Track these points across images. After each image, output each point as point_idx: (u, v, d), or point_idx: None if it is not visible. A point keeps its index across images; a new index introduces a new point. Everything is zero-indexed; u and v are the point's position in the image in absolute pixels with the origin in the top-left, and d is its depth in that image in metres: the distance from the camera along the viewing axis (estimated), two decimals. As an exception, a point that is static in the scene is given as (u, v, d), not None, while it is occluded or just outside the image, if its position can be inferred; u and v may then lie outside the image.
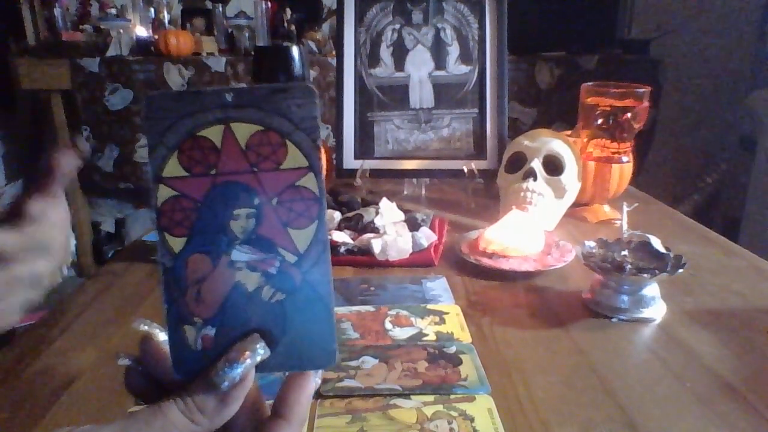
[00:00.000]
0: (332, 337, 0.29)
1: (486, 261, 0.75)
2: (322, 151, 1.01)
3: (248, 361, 0.27)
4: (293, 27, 2.41)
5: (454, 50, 1.07)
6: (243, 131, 0.28)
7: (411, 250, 0.78)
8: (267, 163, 0.28)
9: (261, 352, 0.28)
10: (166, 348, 0.29)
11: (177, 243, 0.28)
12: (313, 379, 0.30)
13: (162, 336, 0.29)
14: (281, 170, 0.28)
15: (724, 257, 0.81)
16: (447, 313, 0.63)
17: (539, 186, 0.88)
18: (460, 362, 0.53)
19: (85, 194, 2.40)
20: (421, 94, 1.07)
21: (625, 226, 0.69)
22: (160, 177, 0.28)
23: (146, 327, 0.30)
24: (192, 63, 2.25)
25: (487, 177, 1.03)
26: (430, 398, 0.48)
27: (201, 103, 0.28)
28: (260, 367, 0.28)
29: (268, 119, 0.28)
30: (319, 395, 0.49)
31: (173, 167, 0.28)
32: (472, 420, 0.45)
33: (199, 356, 0.28)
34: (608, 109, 0.90)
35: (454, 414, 0.46)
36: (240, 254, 0.28)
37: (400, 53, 1.08)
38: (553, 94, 2.31)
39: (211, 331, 0.28)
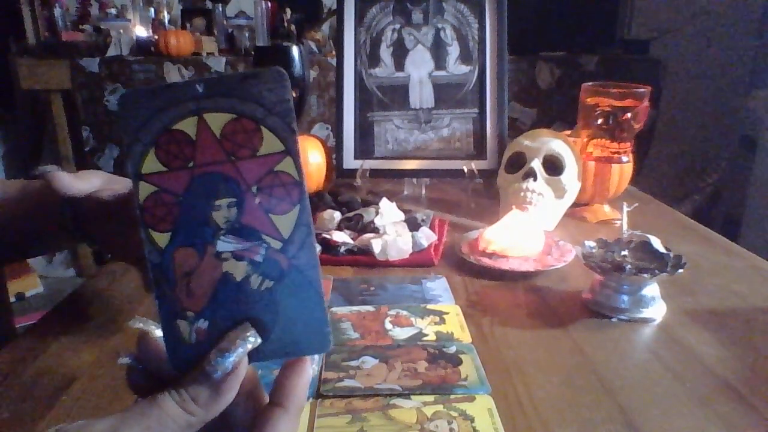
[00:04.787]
0: (324, 321, 0.29)
1: (486, 261, 0.75)
2: (321, 147, 1.01)
3: (239, 349, 0.27)
4: (293, 27, 2.41)
5: (454, 50, 1.07)
6: (217, 121, 0.28)
7: (411, 250, 0.78)
8: (243, 151, 0.28)
9: (252, 340, 0.28)
10: (163, 344, 0.29)
11: (162, 238, 0.28)
12: (310, 366, 0.30)
13: (159, 332, 0.29)
14: (258, 157, 0.28)
15: (724, 257, 0.81)
16: (447, 313, 0.63)
17: (539, 186, 0.88)
18: (460, 362, 0.53)
19: (85, 194, 2.40)
20: (421, 94, 1.07)
21: (625, 226, 0.69)
22: (139, 174, 0.28)
23: (142, 325, 0.29)
24: (192, 63, 2.25)
25: (487, 177, 1.03)
26: (430, 398, 0.48)
27: (173, 97, 0.28)
28: (255, 356, 0.28)
29: (240, 106, 0.28)
30: (319, 395, 0.49)
31: (151, 163, 0.28)
32: (472, 420, 0.45)
33: (194, 349, 0.28)
34: (608, 109, 0.90)
35: (454, 414, 0.46)
36: (225, 244, 0.28)
37: (400, 53, 1.08)
38: (553, 94, 2.31)
39: (204, 324, 0.28)
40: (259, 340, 0.28)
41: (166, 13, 2.49)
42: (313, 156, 0.99)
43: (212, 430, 0.28)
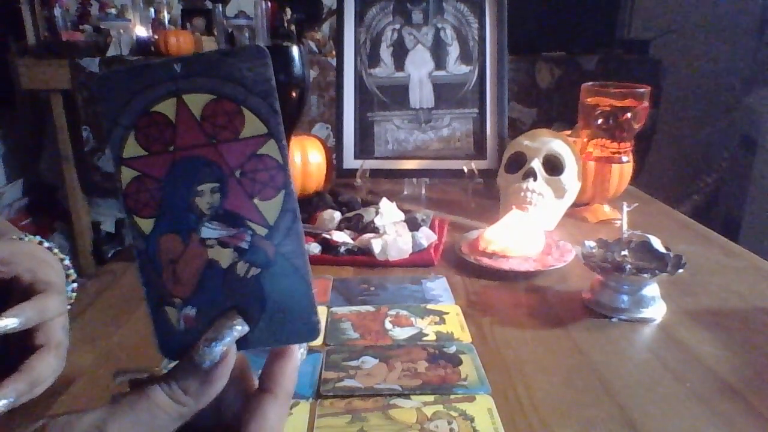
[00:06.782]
0: (312, 309, 0.28)
1: (486, 261, 0.75)
2: (321, 147, 1.01)
3: (227, 338, 0.27)
4: (293, 27, 2.41)
5: (454, 50, 1.07)
6: (196, 102, 0.27)
7: (411, 250, 0.78)
8: (225, 134, 0.27)
9: (239, 328, 0.28)
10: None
11: (146, 224, 0.28)
12: (298, 351, 0.29)
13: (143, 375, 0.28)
14: (240, 140, 0.27)
15: (724, 257, 0.81)
16: (447, 313, 0.63)
17: (539, 186, 0.88)
18: (460, 362, 0.53)
19: (85, 194, 2.40)
20: (421, 94, 1.07)
21: (625, 226, 0.69)
22: (120, 158, 0.27)
23: (123, 378, 0.29)
24: (192, 63, 2.24)
25: (487, 177, 1.03)
26: (430, 398, 0.48)
27: (151, 77, 0.27)
28: (243, 344, 0.28)
29: (220, 87, 0.27)
30: (319, 395, 0.49)
31: (132, 147, 0.27)
32: (472, 420, 0.45)
33: (183, 336, 0.28)
34: (608, 109, 0.90)
35: (454, 414, 0.46)
36: (209, 231, 0.28)
37: (400, 53, 1.08)
38: (553, 94, 2.31)
39: (191, 311, 0.28)
40: (247, 328, 0.28)
41: (166, 13, 2.49)
42: (313, 156, 0.99)
43: (201, 416, 0.28)
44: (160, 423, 0.26)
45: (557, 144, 0.90)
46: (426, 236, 0.80)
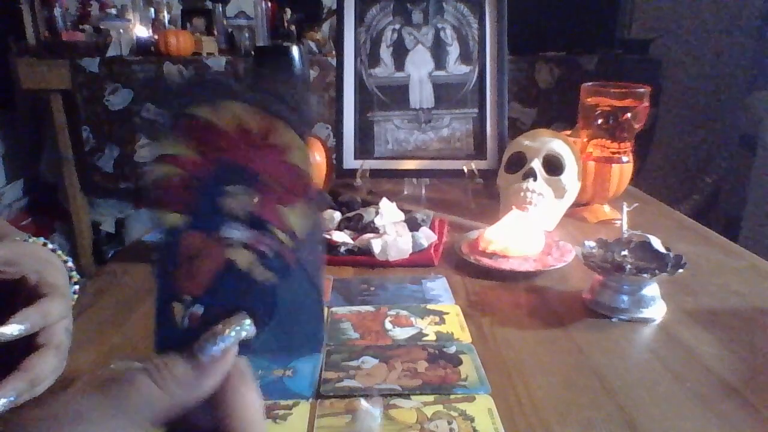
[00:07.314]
0: (321, 324, 0.29)
1: (486, 261, 0.75)
2: (321, 147, 1.01)
3: (232, 335, 0.27)
4: (293, 27, 2.41)
5: (454, 50, 1.07)
6: (236, 110, 0.28)
7: (411, 250, 0.78)
8: (259, 141, 0.28)
9: (247, 329, 0.28)
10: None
11: (172, 219, 0.28)
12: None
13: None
14: (273, 147, 0.28)
15: (724, 257, 0.81)
16: (447, 313, 0.63)
17: (539, 186, 0.88)
18: (460, 362, 0.53)
19: (85, 194, 2.40)
20: (421, 94, 1.07)
21: (625, 226, 0.69)
22: (159, 154, 0.28)
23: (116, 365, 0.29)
24: (192, 63, 2.25)
25: (487, 177, 1.03)
26: (430, 398, 0.48)
27: (203, 90, 0.28)
28: (246, 349, 0.28)
29: (259, 99, 0.28)
30: (319, 395, 0.49)
31: (168, 144, 0.28)
32: (472, 420, 0.45)
33: (182, 335, 0.28)
34: (608, 109, 0.91)
35: (454, 414, 0.46)
36: (233, 232, 0.28)
37: (400, 53, 1.08)
38: (553, 94, 2.31)
39: (199, 309, 0.28)
40: (254, 331, 0.28)
41: (166, 13, 2.49)
42: (312, 156, 0.99)
43: (202, 419, 0.28)
44: (143, 408, 0.25)
45: (557, 144, 0.90)
46: (426, 236, 0.80)
